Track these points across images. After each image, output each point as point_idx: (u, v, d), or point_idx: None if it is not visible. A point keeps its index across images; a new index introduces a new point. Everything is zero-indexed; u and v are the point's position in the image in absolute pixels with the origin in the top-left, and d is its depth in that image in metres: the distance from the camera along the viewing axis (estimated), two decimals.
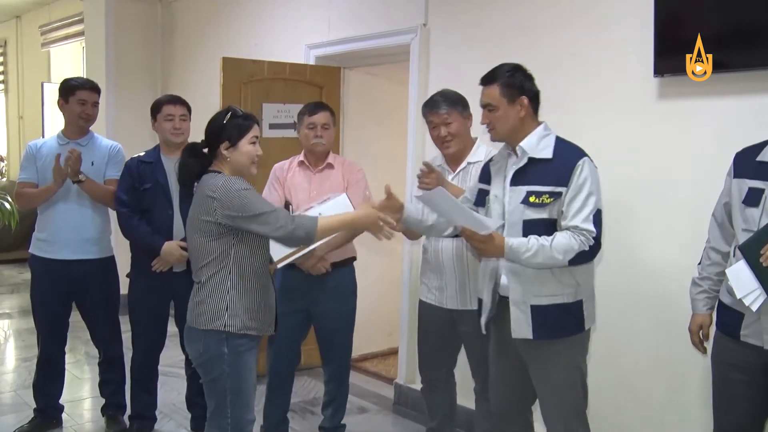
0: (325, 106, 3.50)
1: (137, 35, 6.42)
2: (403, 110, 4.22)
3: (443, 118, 3.02)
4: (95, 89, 3.66)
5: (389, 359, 5.06)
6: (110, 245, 3.75)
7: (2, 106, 9.99)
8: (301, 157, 3.51)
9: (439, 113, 3.03)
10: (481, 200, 2.70)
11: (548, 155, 2.49)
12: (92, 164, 3.59)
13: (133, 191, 3.46)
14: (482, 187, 2.71)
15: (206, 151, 2.66)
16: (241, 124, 2.62)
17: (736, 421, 2.39)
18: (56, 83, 4.11)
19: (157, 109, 3.51)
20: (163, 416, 3.94)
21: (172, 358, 4.34)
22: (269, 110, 4.50)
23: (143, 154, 3.56)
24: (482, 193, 2.70)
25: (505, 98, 2.51)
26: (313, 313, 3.46)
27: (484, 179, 2.72)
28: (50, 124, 7.87)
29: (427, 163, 3.07)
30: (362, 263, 3.69)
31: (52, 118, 7.77)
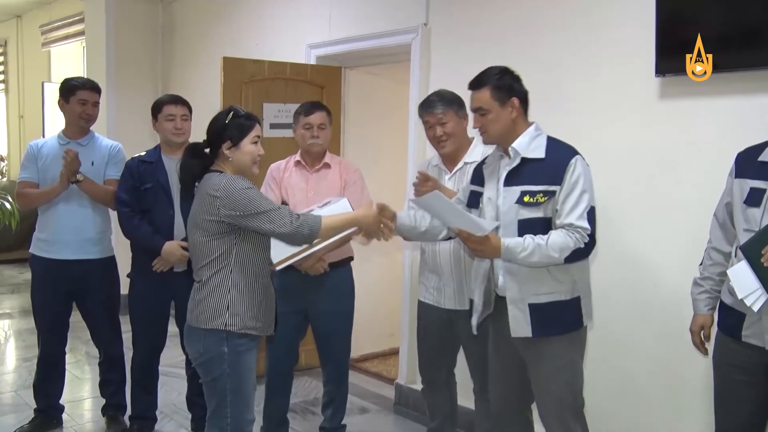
0: (321, 105, 3.48)
1: (138, 35, 6.42)
2: (404, 110, 4.22)
3: (439, 117, 3.03)
4: (96, 89, 3.66)
5: (390, 359, 5.06)
6: (111, 245, 3.75)
7: (3, 105, 9.99)
8: (297, 156, 3.50)
9: (434, 113, 3.04)
10: (474, 202, 2.71)
11: (541, 155, 2.51)
12: (92, 164, 3.59)
13: (133, 191, 3.45)
14: (474, 188, 2.73)
15: (208, 151, 2.66)
16: (243, 124, 2.62)
17: (737, 421, 2.38)
18: (57, 83, 4.11)
19: (158, 109, 3.51)
20: (163, 416, 3.94)
21: (172, 358, 4.34)
22: (270, 110, 4.50)
23: (144, 153, 3.55)
24: (475, 194, 2.71)
25: (496, 101, 2.53)
26: (310, 313, 3.45)
27: (476, 181, 2.74)
28: (51, 123, 7.86)
29: (422, 172, 3.09)
30: (363, 264, 3.70)
31: (52, 117, 7.77)
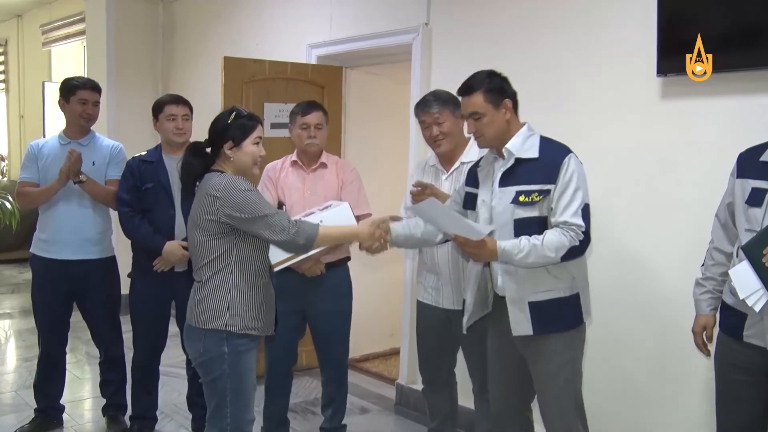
0: (318, 105, 3.47)
1: (138, 35, 6.42)
2: (404, 110, 4.21)
3: (434, 117, 3.04)
4: (96, 89, 3.66)
5: (391, 360, 5.06)
6: (111, 245, 3.74)
7: (3, 105, 9.99)
8: (293, 156, 3.49)
9: (430, 112, 3.05)
10: (470, 204, 2.72)
11: (534, 154, 2.53)
12: (93, 164, 3.58)
13: (134, 191, 3.45)
14: (469, 190, 2.74)
15: (209, 150, 2.66)
16: (245, 124, 2.62)
17: (739, 422, 2.38)
18: (57, 83, 4.10)
19: (159, 108, 3.50)
20: (163, 416, 3.93)
21: (173, 358, 4.34)
22: (271, 110, 4.50)
23: (145, 153, 3.55)
24: (470, 196, 2.73)
25: (490, 104, 2.54)
26: (308, 314, 3.45)
27: (470, 183, 2.75)
28: (51, 123, 7.87)
29: (419, 182, 3.10)
30: (364, 264, 3.69)
31: (52, 117, 7.78)
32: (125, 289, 3.68)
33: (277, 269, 3.01)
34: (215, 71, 4.63)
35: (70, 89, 3.59)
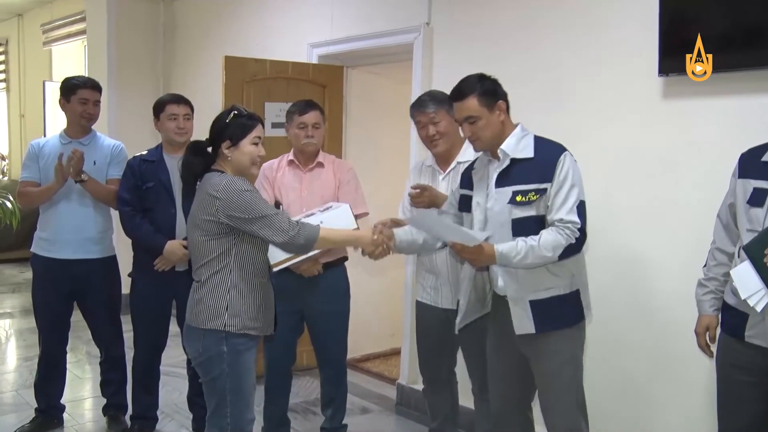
0: (315, 104, 3.45)
1: (139, 34, 6.42)
2: (405, 109, 4.14)
3: (430, 117, 3.04)
4: (97, 88, 3.66)
5: (391, 359, 5.06)
6: (112, 245, 3.74)
7: (4, 104, 9.99)
8: (290, 155, 3.48)
9: (426, 112, 3.05)
10: (465, 206, 2.73)
11: (529, 154, 2.54)
12: (94, 163, 3.58)
13: (135, 190, 3.45)
14: (464, 192, 2.75)
15: (210, 149, 2.66)
16: (244, 123, 2.61)
17: (740, 422, 2.37)
18: (58, 82, 4.10)
19: (160, 108, 3.50)
20: (164, 416, 3.93)
21: (173, 357, 4.34)
22: (271, 109, 4.49)
23: (145, 152, 3.55)
24: (464, 198, 2.74)
25: (484, 107, 2.55)
26: (306, 314, 3.45)
27: (465, 185, 2.76)
28: (52, 122, 7.87)
29: (418, 184, 3.10)
30: (364, 264, 3.69)
31: (53, 116, 7.78)
32: (126, 288, 3.68)
33: (276, 269, 3.01)
34: (216, 70, 4.63)
35: (70, 88, 3.59)
